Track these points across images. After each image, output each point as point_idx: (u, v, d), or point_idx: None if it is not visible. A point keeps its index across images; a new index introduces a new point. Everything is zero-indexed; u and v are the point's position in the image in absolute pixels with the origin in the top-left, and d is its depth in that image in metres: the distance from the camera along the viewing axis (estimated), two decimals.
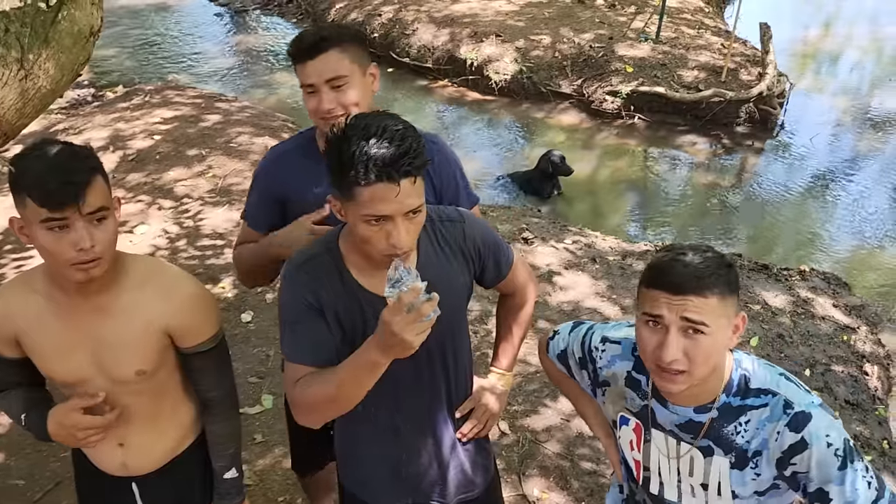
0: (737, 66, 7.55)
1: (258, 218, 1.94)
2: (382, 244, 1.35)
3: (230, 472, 1.73)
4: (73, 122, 6.77)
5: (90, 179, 1.38)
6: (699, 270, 1.30)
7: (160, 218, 4.92)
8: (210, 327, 1.61)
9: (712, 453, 1.42)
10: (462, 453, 1.73)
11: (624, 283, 4.27)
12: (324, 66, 1.71)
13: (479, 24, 8.67)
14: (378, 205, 1.31)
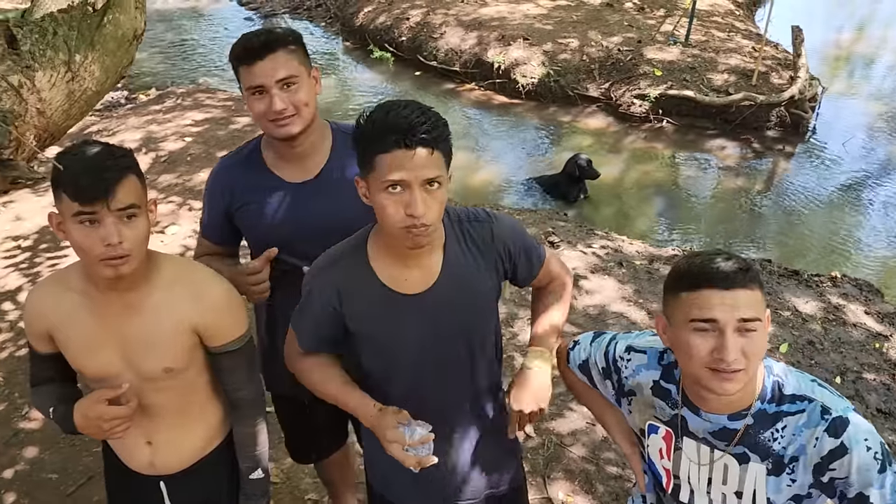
0: (768, 70, 7.46)
1: (212, 233, 1.97)
2: (400, 214, 1.38)
3: (256, 473, 1.75)
4: (107, 123, 6.90)
5: (121, 177, 1.41)
6: (742, 264, 1.31)
7: (190, 219, 4.99)
8: (238, 327, 1.64)
9: (748, 460, 1.41)
10: (487, 454, 1.74)
11: (651, 287, 4.24)
12: (274, 67, 1.69)
13: (507, 27, 8.68)
14: (396, 171, 1.35)
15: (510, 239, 1.61)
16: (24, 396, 3.37)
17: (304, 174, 1.85)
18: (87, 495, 2.87)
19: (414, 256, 1.51)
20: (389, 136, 1.34)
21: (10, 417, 3.27)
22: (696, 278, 1.31)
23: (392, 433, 1.49)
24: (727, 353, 1.27)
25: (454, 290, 1.54)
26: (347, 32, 10.19)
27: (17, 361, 3.60)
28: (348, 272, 1.55)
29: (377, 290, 1.53)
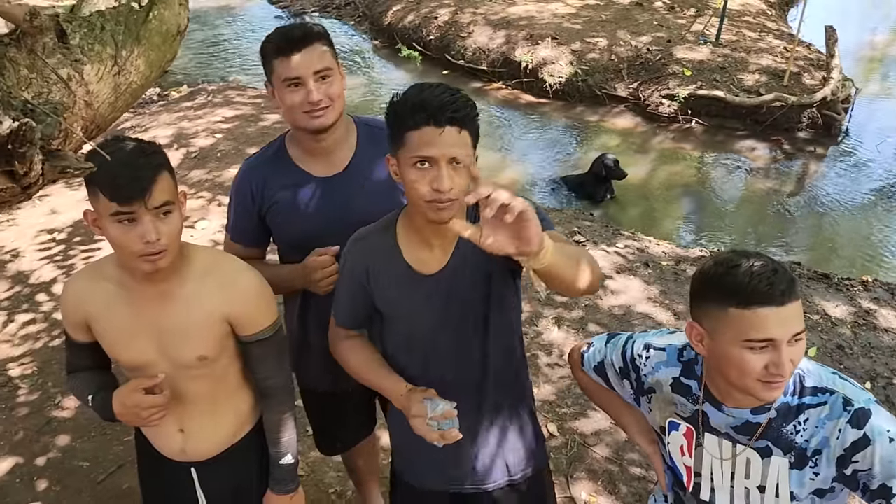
0: (800, 70, 7.37)
1: (242, 235, 1.97)
2: (426, 188, 1.43)
3: (286, 459, 1.78)
4: (140, 120, 7.01)
5: (156, 175, 1.44)
6: (787, 275, 1.28)
7: (220, 214, 5.05)
8: (268, 317, 1.68)
9: (770, 454, 1.41)
10: (505, 443, 1.74)
11: (677, 288, 4.22)
12: (311, 59, 1.72)
13: (535, 26, 8.66)
14: (424, 147, 1.41)
15: None
16: (58, 386, 3.45)
17: (331, 168, 1.87)
18: (117, 483, 2.93)
19: (436, 236, 1.56)
20: (420, 113, 1.40)
21: (44, 406, 3.34)
22: (749, 297, 1.27)
23: (416, 408, 1.55)
24: (784, 369, 1.27)
25: (465, 269, 1.57)
26: (376, 31, 10.24)
27: (52, 351, 3.67)
28: (376, 250, 1.62)
29: (401, 269, 1.59)
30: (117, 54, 0.89)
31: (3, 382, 3.49)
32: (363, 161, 1.88)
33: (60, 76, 0.83)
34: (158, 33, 0.94)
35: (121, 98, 0.89)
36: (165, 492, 1.85)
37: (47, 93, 0.83)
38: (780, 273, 1.28)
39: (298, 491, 1.83)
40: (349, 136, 1.89)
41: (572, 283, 1.39)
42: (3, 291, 4.22)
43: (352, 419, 2.31)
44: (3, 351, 3.71)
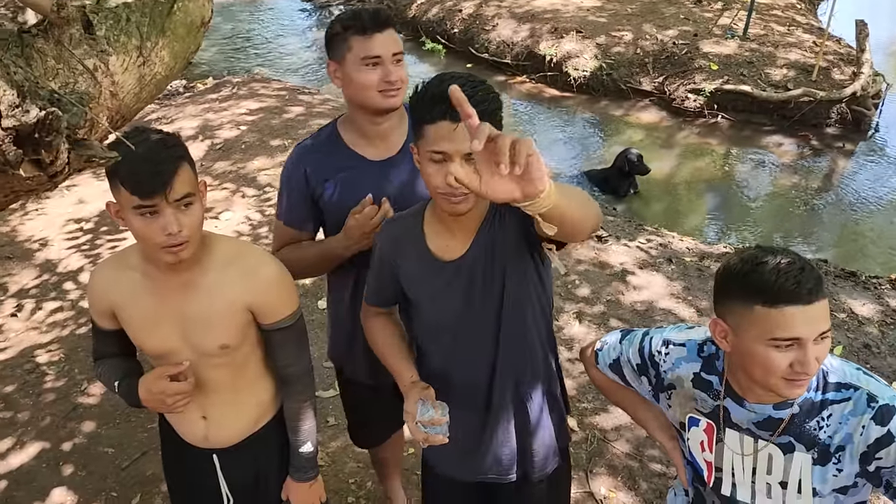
0: (829, 65, 7.25)
1: (295, 219, 1.97)
2: (439, 180, 1.42)
3: (306, 447, 1.80)
4: (166, 111, 7.08)
5: (177, 169, 1.45)
6: (813, 272, 1.26)
7: (244, 205, 5.10)
8: (289, 305, 1.69)
9: (793, 450, 1.39)
10: (525, 436, 1.74)
11: (701, 284, 4.18)
12: (390, 40, 1.77)
13: (560, 19, 8.61)
14: (439, 142, 1.41)
15: None
16: (84, 373, 3.50)
17: (385, 152, 1.91)
18: (141, 470, 2.97)
19: (459, 225, 1.56)
20: (437, 107, 1.39)
21: (70, 392, 3.40)
22: (776, 295, 1.25)
23: (409, 405, 1.56)
24: (810, 367, 1.26)
25: (484, 257, 1.57)
26: (400, 24, 10.24)
27: (78, 339, 3.73)
28: (404, 233, 1.64)
29: (424, 254, 1.61)
30: (142, 45, 0.90)
31: (31, 369, 3.55)
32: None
33: (87, 67, 0.84)
34: (183, 24, 0.94)
35: (145, 89, 0.90)
36: (188, 478, 1.88)
37: (73, 83, 0.84)
38: (807, 271, 1.26)
39: (318, 479, 1.85)
40: (402, 122, 1.93)
41: (581, 221, 1.30)
42: (32, 279, 4.30)
43: (389, 413, 2.30)
44: (30, 338, 3.78)
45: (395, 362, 1.69)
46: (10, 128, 0.75)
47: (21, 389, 3.42)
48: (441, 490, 1.90)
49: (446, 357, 1.68)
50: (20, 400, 3.36)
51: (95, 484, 2.92)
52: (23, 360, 3.61)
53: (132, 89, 0.89)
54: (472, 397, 1.68)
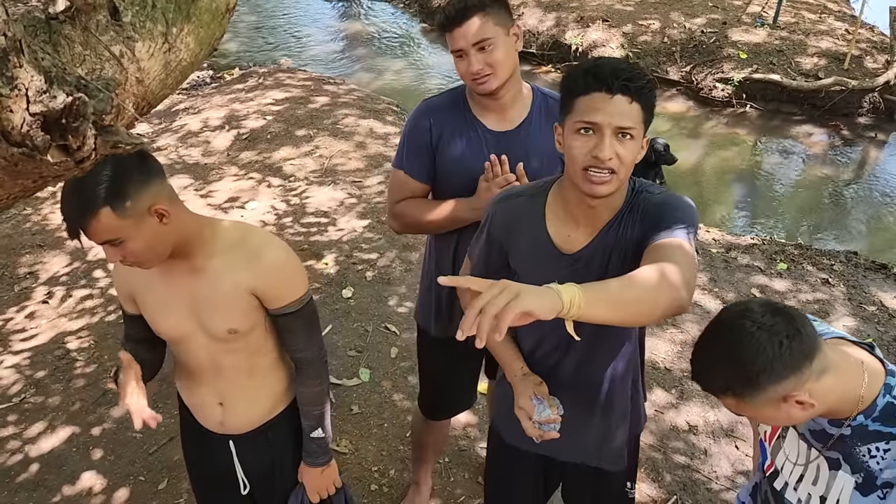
0: (861, 53, 7.11)
1: (416, 168, 2.04)
2: (585, 154, 1.39)
3: (317, 432, 1.79)
4: (193, 102, 7.15)
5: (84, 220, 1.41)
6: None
7: (269, 195, 5.13)
8: (295, 290, 1.67)
9: (839, 467, 1.36)
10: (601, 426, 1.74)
11: (727, 276, 4.13)
12: (470, 31, 1.82)
13: (586, 8, 8.53)
14: (590, 113, 1.38)
15: (667, 211, 1.50)
16: (113, 359, 3.56)
17: (504, 125, 1.98)
18: (168, 455, 3.02)
19: (586, 216, 1.51)
20: (591, 78, 1.38)
21: (100, 378, 3.45)
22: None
23: (524, 401, 1.56)
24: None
25: (601, 255, 1.52)
26: (425, 14, 10.22)
27: (108, 326, 3.79)
28: (522, 211, 1.60)
29: (541, 238, 1.56)
30: (168, 31, 0.90)
31: (62, 355, 3.62)
32: (534, 125, 1.98)
33: (113, 53, 0.85)
34: (208, 11, 0.95)
35: (171, 75, 0.91)
36: (206, 462, 1.90)
37: (100, 69, 0.85)
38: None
39: (331, 464, 1.85)
40: (524, 99, 2.00)
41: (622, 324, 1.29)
42: (62, 267, 4.37)
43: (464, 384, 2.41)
44: (61, 325, 3.85)
45: (503, 349, 1.70)
46: (37, 113, 0.75)
47: (52, 375, 3.49)
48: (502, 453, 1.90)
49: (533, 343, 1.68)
50: (51, 385, 3.43)
51: (124, 468, 2.97)
52: (54, 347, 3.68)
53: (158, 76, 0.90)
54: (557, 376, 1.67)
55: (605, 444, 1.76)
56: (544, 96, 2.02)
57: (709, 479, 2.85)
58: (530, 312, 1.09)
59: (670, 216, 1.45)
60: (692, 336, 3.61)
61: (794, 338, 1.21)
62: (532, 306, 1.09)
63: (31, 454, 3.05)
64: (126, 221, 1.43)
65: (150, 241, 1.49)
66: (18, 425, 3.20)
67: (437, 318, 2.22)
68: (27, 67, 0.72)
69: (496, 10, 1.86)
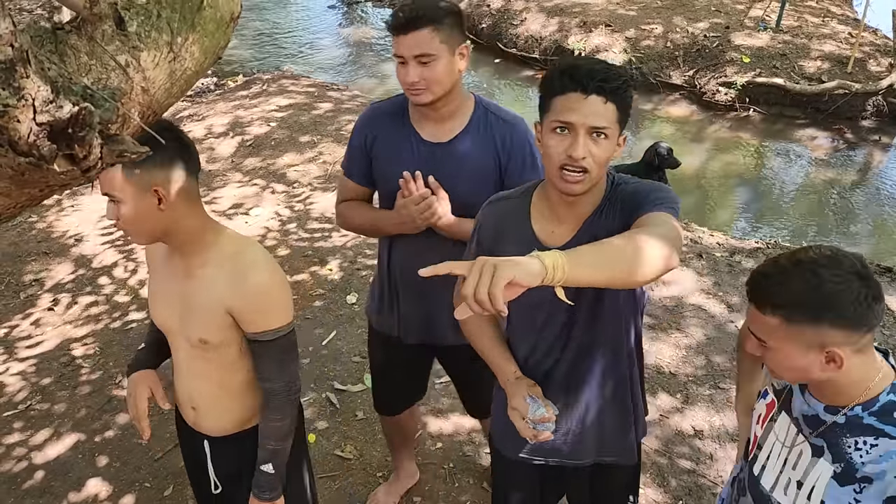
0: (865, 57, 7.10)
1: (355, 172, 2.10)
2: (560, 153, 1.42)
3: (267, 466, 1.73)
4: (197, 109, 7.17)
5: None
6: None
7: (273, 201, 5.14)
8: (272, 320, 1.62)
9: (821, 455, 1.37)
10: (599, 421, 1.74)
11: (731, 280, 4.13)
12: (414, 43, 1.82)
13: (589, 13, 8.54)
14: (565, 112, 1.41)
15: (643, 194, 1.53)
16: (118, 366, 3.57)
17: (439, 136, 1.99)
18: (174, 461, 3.02)
19: (568, 211, 1.54)
20: (567, 78, 1.40)
21: (105, 385, 3.46)
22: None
23: (518, 402, 1.58)
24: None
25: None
26: None
27: (112, 333, 3.80)
28: (509, 212, 1.64)
29: (526, 235, 1.59)
30: (173, 41, 0.91)
31: (67, 362, 3.63)
32: (468, 139, 1.98)
33: (119, 62, 0.86)
34: (213, 20, 0.96)
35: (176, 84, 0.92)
36: (192, 458, 1.94)
37: (106, 79, 0.86)
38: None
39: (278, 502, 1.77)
40: (465, 112, 1.99)
41: (609, 285, 1.30)
42: (67, 274, 4.38)
43: (411, 378, 2.45)
44: (66, 332, 3.86)
45: (495, 353, 1.71)
46: (44, 123, 0.76)
47: (57, 382, 3.50)
48: (504, 466, 1.90)
49: (537, 342, 1.68)
50: (57, 392, 3.43)
51: (129, 475, 2.97)
52: (59, 354, 3.69)
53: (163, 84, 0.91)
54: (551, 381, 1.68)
55: (605, 442, 1.76)
56: (485, 110, 2.01)
57: (714, 484, 2.84)
58: (515, 282, 1.09)
59: (652, 198, 1.49)
60: (696, 340, 3.61)
61: (876, 301, 1.22)
62: (513, 274, 1.08)
63: (36, 461, 3.06)
64: (129, 186, 1.50)
65: (141, 216, 1.53)
66: (24, 432, 3.21)
67: (379, 310, 2.28)
68: (34, 78, 0.73)
69: (448, 27, 1.84)
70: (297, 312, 3.93)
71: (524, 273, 1.10)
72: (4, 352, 3.73)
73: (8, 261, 4.53)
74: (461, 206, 1.96)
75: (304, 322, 3.85)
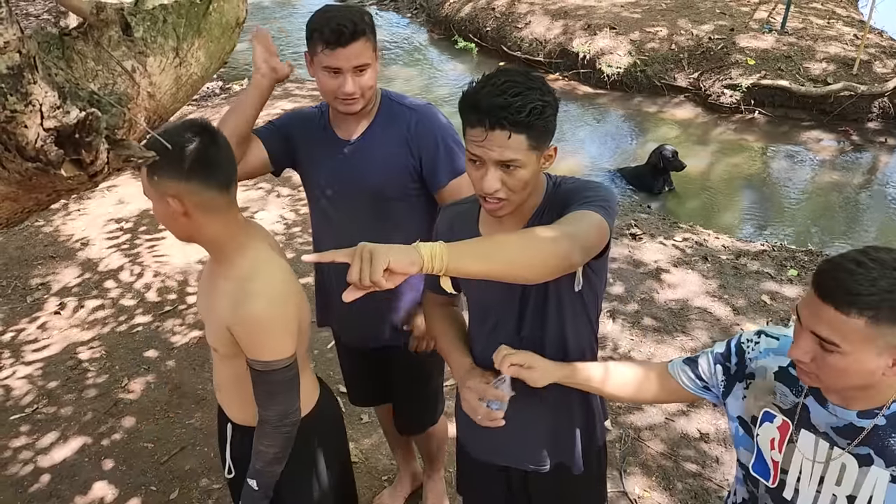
0: (871, 58, 7.08)
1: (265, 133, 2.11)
2: (477, 180, 1.44)
3: (251, 482, 1.73)
4: (203, 112, 7.19)
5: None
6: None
7: (278, 205, 5.16)
8: (263, 352, 1.61)
9: (870, 463, 1.31)
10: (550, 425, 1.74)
11: (737, 283, 4.12)
12: (353, 54, 1.83)
13: (594, 16, 8.54)
14: (472, 146, 1.41)
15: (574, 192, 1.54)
16: (124, 369, 3.58)
17: (350, 134, 2.04)
18: (180, 464, 3.03)
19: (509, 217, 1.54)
20: (472, 113, 1.39)
21: (111, 389, 3.47)
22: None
23: (472, 382, 1.59)
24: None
25: None
26: (432, 23, 10.26)
27: (119, 336, 3.82)
28: (459, 216, 1.67)
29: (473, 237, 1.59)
30: (179, 46, 0.91)
31: (73, 366, 3.64)
32: (375, 133, 2.03)
33: (125, 68, 0.87)
34: (218, 25, 0.96)
35: (182, 89, 0.92)
36: (218, 434, 1.96)
37: (112, 84, 0.86)
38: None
39: None
40: (372, 108, 2.05)
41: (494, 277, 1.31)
42: (74, 278, 4.40)
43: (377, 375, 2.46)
44: (73, 335, 3.88)
45: (452, 351, 1.74)
46: (51, 128, 0.77)
47: (64, 385, 3.51)
48: (469, 468, 1.92)
49: (488, 342, 1.68)
50: (63, 396, 3.45)
51: (135, 478, 2.98)
52: (66, 357, 3.70)
53: (169, 90, 0.91)
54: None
55: (558, 443, 1.76)
56: (391, 101, 2.06)
57: (720, 488, 2.83)
58: (391, 268, 1.13)
59: (580, 196, 1.48)
60: (702, 343, 3.60)
61: None
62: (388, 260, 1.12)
63: (43, 464, 3.07)
64: (151, 190, 1.52)
65: (163, 218, 1.58)
66: (31, 436, 3.22)
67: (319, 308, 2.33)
68: (41, 83, 0.73)
69: (373, 36, 1.90)
70: None
71: (400, 260, 1.14)
72: (11, 355, 3.75)
73: (15, 265, 4.55)
74: (374, 200, 2.02)
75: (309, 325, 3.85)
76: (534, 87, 1.39)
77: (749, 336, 1.51)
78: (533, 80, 1.40)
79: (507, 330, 1.66)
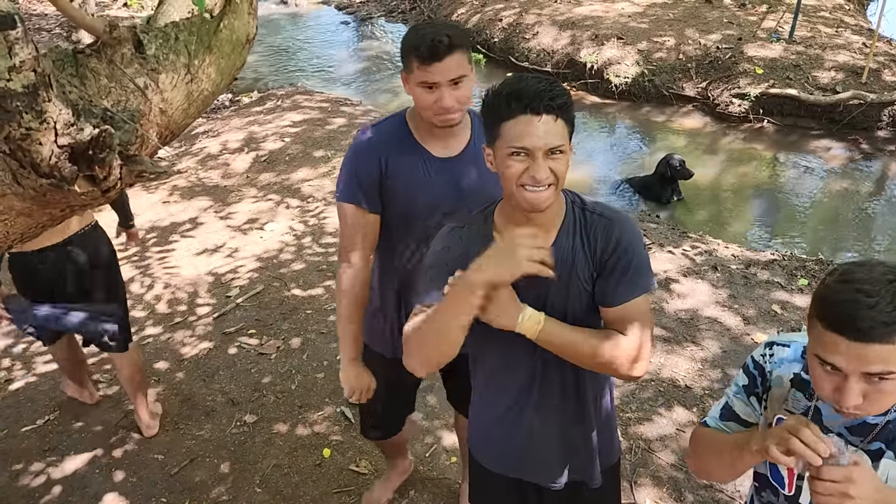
0: (879, 67, 7.07)
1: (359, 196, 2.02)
2: (520, 172, 1.43)
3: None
4: (213, 125, 7.24)
5: None
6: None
7: (287, 216, 5.18)
8: None
9: (881, 456, 1.33)
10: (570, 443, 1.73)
11: (747, 292, 4.10)
12: (449, 68, 1.81)
13: (601, 26, 8.56)
14: (519, 138, 1.41)
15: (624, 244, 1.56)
16: None
17: (448, 151, 2.00)
18: (190, 476, 3.03)
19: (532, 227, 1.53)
20: (516, 102, 1.40)
21: (121, 401, 3.48)
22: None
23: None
24: (844, 398, 1.22)
25: (561, 266, 1.54)
26: None
27: None
28: (473, 234, 1.62)
29: None
30: (190, 63, 0.93)
31: None
32: (476, 148, 2.01)
33: (138, 85, 0.88)
34: (229, 42, 0.98)
35: (193, 105, 0.94)
36: None
37: (125, 101, 0.87)
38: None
39: None
40: (465, 125, 2.02)
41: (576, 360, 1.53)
42: None
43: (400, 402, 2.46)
44: None
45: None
46: (65, 145, 0.78)
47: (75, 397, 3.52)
48: (482, 478, 1.90)
49: (496, 361, 1.68)
50: (74, 407, 3.46)
51: (146, 490, 2.99)
52: None
53: (180, 105, 0.93)
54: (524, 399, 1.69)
55: (575, 458, 1.75)
56: (479, 118, 2.00)
57: (731, 499, 2.82)
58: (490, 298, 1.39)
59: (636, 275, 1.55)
60: (712, 354, 3.58)
61: None
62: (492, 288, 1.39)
63: (54, 476, 3.08)
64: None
65: None
66: (42, 447, 3.23)
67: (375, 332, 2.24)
68: (56, 101, 0.75)
69: (468, 46, 1.88)
70: (311, 327, 3.94)
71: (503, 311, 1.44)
72: (23, 367, 3.77)
73: None
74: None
75: (318, 337, 3.86)
76: (553, 79, 1.47)
77: (762, 351, 1.51)
78: (548, 77, 1.47)
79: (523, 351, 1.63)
